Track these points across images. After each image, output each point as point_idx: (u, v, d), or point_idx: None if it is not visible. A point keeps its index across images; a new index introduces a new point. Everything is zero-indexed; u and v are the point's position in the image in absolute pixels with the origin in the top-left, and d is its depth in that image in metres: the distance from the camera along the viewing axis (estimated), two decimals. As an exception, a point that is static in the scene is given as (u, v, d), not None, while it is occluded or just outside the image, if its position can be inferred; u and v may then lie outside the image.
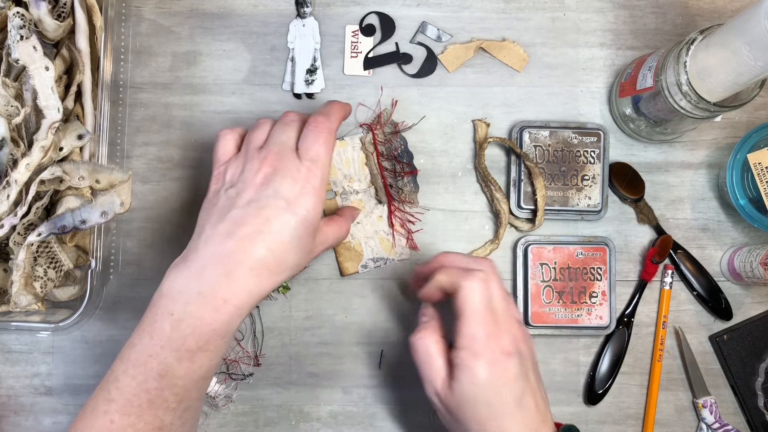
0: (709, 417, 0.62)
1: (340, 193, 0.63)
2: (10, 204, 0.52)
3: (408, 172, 0.62)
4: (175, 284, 0.48)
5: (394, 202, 0.63)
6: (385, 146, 0.63)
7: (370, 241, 0.63)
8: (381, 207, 0.63)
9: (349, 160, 0.63)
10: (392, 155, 0.63)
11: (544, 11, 0.66)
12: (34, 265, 0.54)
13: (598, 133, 0.63)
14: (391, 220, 0.63)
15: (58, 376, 0.63)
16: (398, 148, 0.63)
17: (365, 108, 0.64)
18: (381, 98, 0.64)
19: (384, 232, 0.63)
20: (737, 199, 0.61)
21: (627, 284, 0.64)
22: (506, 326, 0.49)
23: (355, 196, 0.63)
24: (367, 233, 0.63)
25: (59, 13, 0.56)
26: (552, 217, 0.64)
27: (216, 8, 0.65)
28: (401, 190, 0.62)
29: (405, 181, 0.62)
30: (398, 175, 0.63)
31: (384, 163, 0.62)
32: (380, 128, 0.63)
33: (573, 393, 0.64)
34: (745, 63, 0.48)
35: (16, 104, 0.53)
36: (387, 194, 0.62)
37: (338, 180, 0.63)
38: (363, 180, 0.63)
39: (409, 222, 0.63)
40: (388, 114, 0.64)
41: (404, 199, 0.62)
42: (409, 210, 0.63)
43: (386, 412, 0.63)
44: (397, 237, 0.63)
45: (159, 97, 0.64)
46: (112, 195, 0.54)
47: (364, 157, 0.63)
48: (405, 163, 0.63)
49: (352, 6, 0.65)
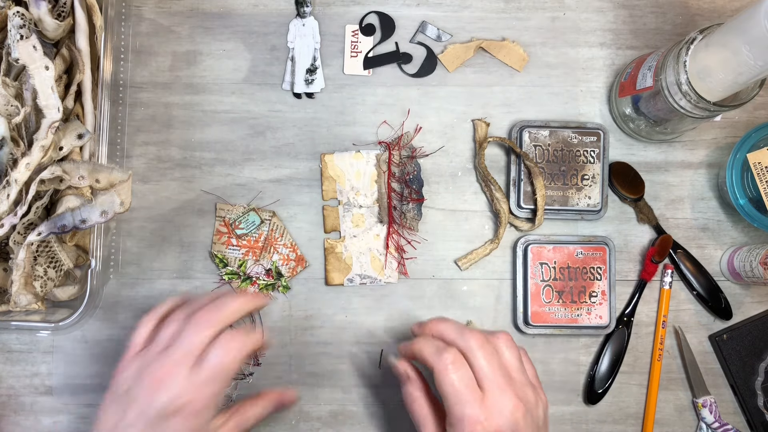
0: (709, 416, 0.62)
1: (344, 203, 0.63)
2: (10, 203, 0.52)
3: (415, 199, 0.62)
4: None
5: (395, 225, 0.63)
6: (399, 168, 0.63)
7: (362, 257, 0.63)
8: (380, 226, 0.63)
9: (360, 173, 0.63)
10: (403, 179, 0.63)
11: (544, 11, 0.66)
12: (34, 264, 0.54)
13: (598, 132, 0.63)
14: (388, 242, 0.63)
15: (58, 376, 0.63)
16: (411, 173, 0.63)
17: (388, 126, 0.64)
18: (406, 121, 0.64)
19: (377, 251, 0.63)
20: (737, 199, 0.61)
21: (627, 284, 0.64)
22: (498, 404, 0.47)
23: (358, 209, 0.63)
24: (360, 249, 0.63)
25: (59, 12, 0.56)
26: (552, 216, 0.64)
27: (216, 8, 0.65)
28: (404, 215, 0.62)
29: (410, 207, 0.62)
30: (404, 199, 0.63)
31: (393, 185, 0.63)
32: (398, 150, 0.63)
33: (573, 392, 0.64)
34: (744, 63, 0.49)
35: (16, 104, 0.53)
36: (389, 215, 0.62)
37: (345, 190, 0.63)
38: (369, 196, 0.63)
39: (403, 249, 0.63)
40: (409, 138, 0.64)
41: (405, 224, 0.63)
42: (407, 236, 0.63)
43: (386, 412, 0.63)
44: (389, 259, 0.63)
45: (159, 97, 0.64)
46: (112, 194, 0.54)
47: (376, 175, 0.63)
48: (414, 189, 0.63)
49: (352, 6, 0.65)
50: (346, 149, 0.64)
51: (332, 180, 0.64)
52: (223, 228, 0.63)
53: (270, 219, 0.63)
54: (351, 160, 0.63)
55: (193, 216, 0.64)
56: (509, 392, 0.48)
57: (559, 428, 0.63)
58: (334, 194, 0.64)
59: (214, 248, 0.63)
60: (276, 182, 0.64)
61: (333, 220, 0.63)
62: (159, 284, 0.63)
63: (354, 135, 0.64)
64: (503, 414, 0.47)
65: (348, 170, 0.63)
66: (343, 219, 0.63)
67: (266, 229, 0.63)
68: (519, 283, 0.63)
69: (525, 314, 0.63)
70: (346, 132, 0.64)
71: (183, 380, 0.48)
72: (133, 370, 0.50)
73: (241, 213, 0.63)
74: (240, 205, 0.63)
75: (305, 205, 0.64)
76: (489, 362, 0.48)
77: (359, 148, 0.64)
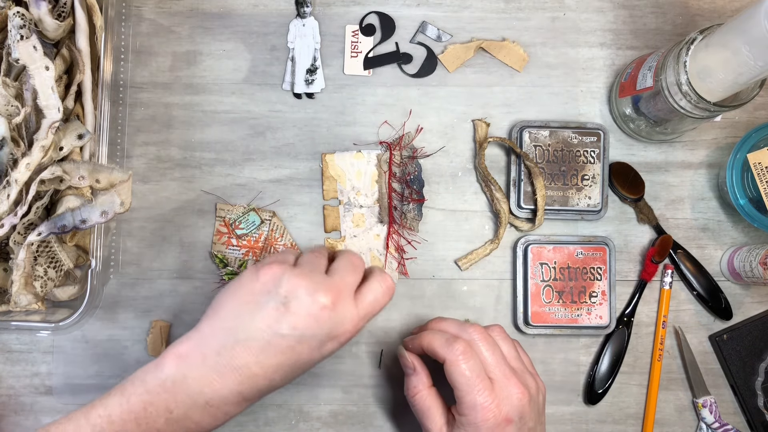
0: (709, 417, 0.62)
1: (345, 203, 0.63)
2: (11, 203, 0.52)
3: (415, 200, 0.62)
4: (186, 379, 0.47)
5: (395, 225, 0.63)
6: (400, 168, 0.63)
7: (362, 257, 0.63)
8: (380, 226, 0.63)
9: (361, 172, 0.63)
10: (404, 179, 0.63)
11: (544, 11, 0.66)
12: (34, 264, 0.54)
13: (598, 132, 0.63)
14: (388, 242, 0.63)
15: (58, 376, 0.63)
16: (411, 174, 0.63)
17: (389, 126, 0.64)
18: (407, 122, 0.64)
19: (377, 251, 0.63)
20: (737, 199, 0.61)
21: (627, 284, 0.64)
22: (506, 392, 0.50)
23: (358, 209, 0.63)
24: (360, 249, 0.63)
25: (59, 12, 0.56)
26: (552, 216, 0.64)
27: (216, 8, 0.65)
28: (404, 215, 0.63)
29: (410, 207, 0.62)
30: (405, 199, 0.63)
31: (394, 185, 0.63)
32: (399, 150, 0.63)
33: (573, 393, 0.64)
34: (745, 63, 0.49)
35: (16, 104, 0.53)
36: (390, 215, 0.62)
37: (345, 190, 0.63)
38: (370, 196, 0.63)
39: (404, 249, 0.63)
40: (410, 138, 0.64)
41: (405, 224, 0.63)
42: (407, 236, 0.63)
43: (386, 412, 0.63)
44: (389, 259, 0.63)
45: (159, 97, 0.64)
46: (113, 194, 0.54)
47: (377, 175, 0.63)
48: (414, 190, 0.63)
49: (352, 6, 0.65)
50: (346, 149, 0.64)
51: (333, 180, 0.64)
52: (223, 228, 0.63)
53: (270, 219, 0.63)
54: (352, 159, 0.63)
55: (193, 216, 0.64)
56: (514, 380, 0.50)
57: (559, 428, 0.63)
58: (334, 194, 0.64)
59: (214, 248, 0.63)
60: (276, 182, 0.64)
61: (333, 219, 0.63)
62: (159, 284, 0.63)
63: (354, 135, 0.64)
64: (511, 401, 0.49)
65: (349, 170, 0.63)
66: (344, 219, 0.63)
67: (266, 230, 0.63)
68: (519, 284, 0.63)
69: (525, 314, 0.63)
70: (346, 132, 0.64)
71: (350, 309, 0.49)
72: (292, 276, 0.48)
73: (242, 213, 0.63)
74: (240, 206, 0.63)
75: (305, 205, 0.64)
76: (492, 353, 0.51)
77: (360, 148, 0.64)
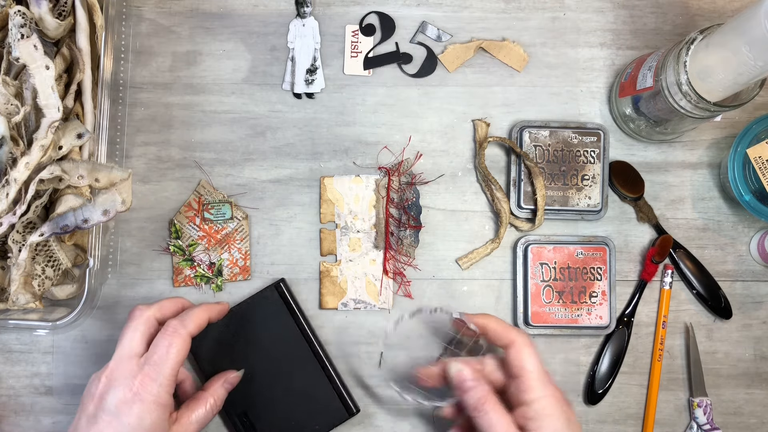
0: (702, 417, 0.62)
1: (341, 227, 0.63)
2: (9, 202, 0.52)
3: (413, 226, 0.62)
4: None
5: (391, 251, 0.63)
6: (398, 194, 0.63)
7: (357, 281, 0.63)
8: (376, 252, 0.63)
9: (359, 197, 0.63)
10: (402, 205, 0.63)
11: (544, 11, 0.66)
12: (32, 263, 0.54)
13: (598, 132, 0.63)
14: (385, 267, 0.63)
15: (58, 376, 0.62)
16: (409, 200, 0.63)
17: (388, 152, 0.64)
18: (406, 147, 0.64)
19: (373, 276, 0.63)
20: (741, 195, 0.60)
21: (627, 284, 0.64)
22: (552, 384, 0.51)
23: (355, 234, 0.63)
24: (356, 273, 0.63)
25: (60, 11, 0.56)
26: (552, 216, 0.64)
27: (216, 8, 0.65)
28: (401, 241, 0.62)
29: (407, 233, 0.62)
30: (402, 225, 0.63)
31: (392, 210, 0.63)
32: (398, 176, 0.63)
33: (573, 393, 0.64)
34: (745, 63, 0.49)
35: (16, 103, 0.53)
36: (386, 241, 0.62)
37: (343, 214, 0.63)
38: (367, 221, 0.63)
39: (404, 274, 0.63)
40: (409, 164, 0.64)
41: (402, 250, 0.63)
42: (403, 262, 0.63)
43: (386, 412, 0.63)
44: (384, 285, 0.63)
45: (159, 97, 0.64)
46: (114, 193, 0.54)
47: (375, 200, 0.63)
48: (412, 216, 0.63)
49: (352, 6, 0.65)
50: (345, 173, 0.64)
51: (331, 203, 0.63)
52: (195, 204, 0.63)
53: (241, 219, 0.63)
54: (350, 184, 0.63)
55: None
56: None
57: (559, 429, 0.63)
58: (332, 217, 0.63)
59: (177, 217, 0.63)
60: (276, 182, 0.64)
61: (330, 243, 0.63)
62: (159, 284, 0.63)
63: (354, 135, 0.64)
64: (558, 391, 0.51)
65: (347, 194, 0.63)
66: (340, 243, 0.63)
67: (232, 227, 0.63)
68: (519, 284, 0.63)
69: (525, 314, 0.63)
70: (346, 132, 0.64)
71: (131, 374, 0.50)
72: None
73: (218, 200, 0.63)
74: (221, 193, 0.63)
75: (305, 205, 0.64)
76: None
77: (359, 173, 0.64)
